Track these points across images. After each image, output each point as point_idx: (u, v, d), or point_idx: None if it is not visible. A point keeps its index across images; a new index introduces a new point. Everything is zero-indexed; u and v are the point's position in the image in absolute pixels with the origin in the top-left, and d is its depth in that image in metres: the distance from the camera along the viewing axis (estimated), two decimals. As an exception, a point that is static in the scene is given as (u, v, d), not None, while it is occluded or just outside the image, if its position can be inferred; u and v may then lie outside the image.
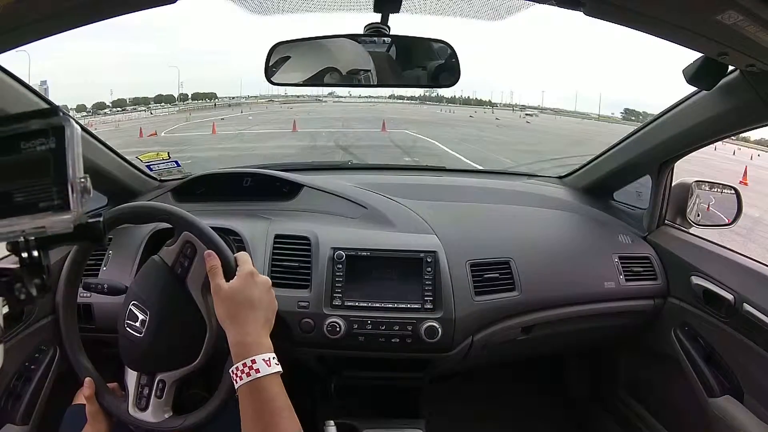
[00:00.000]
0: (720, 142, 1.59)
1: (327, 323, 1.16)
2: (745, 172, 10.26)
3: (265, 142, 14.05)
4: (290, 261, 1.22)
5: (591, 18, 0.76)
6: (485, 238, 1.36)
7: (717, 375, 1.23)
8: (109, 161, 1.38)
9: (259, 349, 0.74)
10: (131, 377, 0.89)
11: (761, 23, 0.67)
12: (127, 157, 1.48)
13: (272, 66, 1.03)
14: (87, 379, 0.87)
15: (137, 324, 0.86)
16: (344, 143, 13.42)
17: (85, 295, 1.03)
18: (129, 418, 0.88)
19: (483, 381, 1.85)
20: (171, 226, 0.90)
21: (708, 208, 1.47)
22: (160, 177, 1.61)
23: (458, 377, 1.58)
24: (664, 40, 0.82)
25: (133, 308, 0.87)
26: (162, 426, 0.87)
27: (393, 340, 1.17)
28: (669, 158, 1.37)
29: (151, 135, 16.33)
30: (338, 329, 1.15)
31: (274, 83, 1.05)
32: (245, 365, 0.72)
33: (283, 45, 1.02)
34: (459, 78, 1.05)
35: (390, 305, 1.19)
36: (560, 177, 1.81)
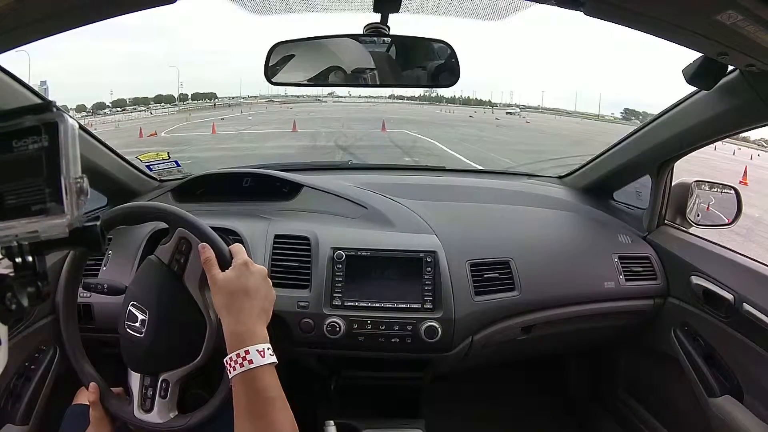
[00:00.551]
0: (720, 142, 1.59)
1: (327, 323, 1.16)
2: (745, 172, 10.25)
3: (265, 142, 14.05)
4: (290, 261, 1.22)
5: (591, 18, 0.76)
6: (485, 238, 1.36)
7: (717, 375, 1.23)
8: (109, 161, 1.38)
9: (253, 339, 0.74)
10: (134, 379, 0.88)
11: (761, 23, 0.67)
12: (127, 158, 1.49)
13: (272, 66, 1.03)
14: (92, 384, 0.87)
15: (137, 324, 0.86)
16: (344, 143, 13.41)
17: (85, 295, 1.03)
18: (135, 421, 0.87)
19: (483, 381, 1.85)
20: (167, 225, 0.90)
21: (708, 208, 1.47)
22: (160, 177, 1.61)
23: (458, 377, 1.58)
24: (664, 40, 0.82)
25: (133, 309, 0.87)
26: (168, 426, 0.87)
27: (393, 340, 1.17)
28: (669, 158, 1.37)
29: (151, 135, 16.32)
30: (338, 329, 1.15)
31: (274, 83, 1.05)
32: (239, 356, 0.72)
33: (283, 45, 1.02)
34: (459, 78, 1.05)
35: (390, 305, 1.19)
36: (560, 177, 1.81)
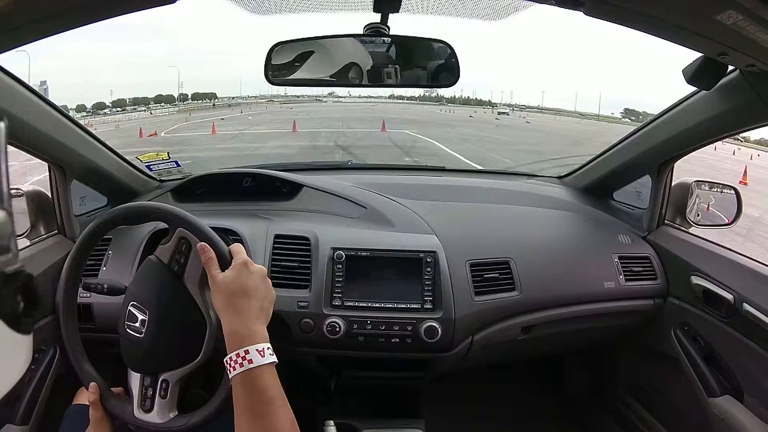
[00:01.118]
0: (720, 142, 1.59)
1: (327, 323, 1.16)
2: (745, 172, 10.25)
3: (265, 142, 14.04)
4: (290, 261, 1.22)
5: (591, 18, 0.76)
6: (485, 238, 1.36)
7: (717, 375, 1.23)
8: (109, 161, 1.38)
9: (253, 339, 0.73)
10: (134, 379, 0.88)
11: (761, 23, 0.67)
12: (127, 158, 1.49)
13: (272, 66, 1.02)
14: (92, 384, 0.87)
15: (137, 324, 0.86)
16: (344, 143, 13.40)
17: (85, 295, 1.03)
18: (135, 421, 0.87)
19: (483, 381, 1.85)
20: (167, 226, 0.90)
21: (708, 208, 1.47)
22: (160, 177, 1.61)
23: (458, 377, 1.58)
24: (664, 40, 0.82)
25: (132, 309, 0.87)
26: (168, 426, 0.87)
27: (393, 340, 1.17)
28: (669, 158, 1.37)
29: (151, 135, 16.31)
30: (338, 329, 1.15)
31: (274, 83, 1.05)
32: (238, 355, 0.72)
33: (283, 45, 1.02)
34: (459, 78, 1.05)
35: (390, 305, 1.19)
36: (560, 177, 1.81)
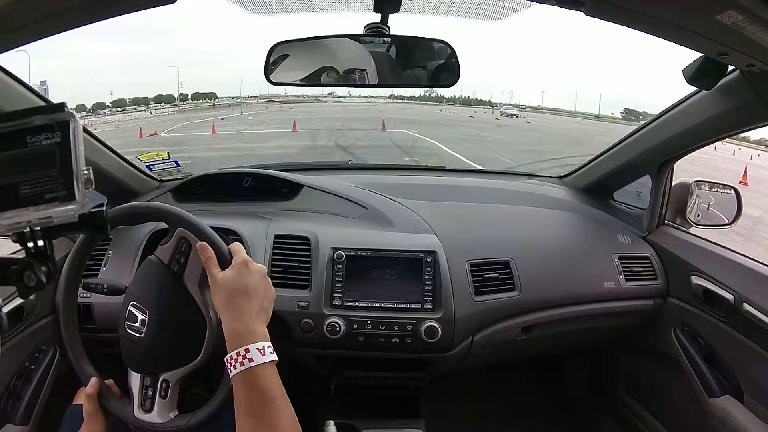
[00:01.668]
0: (720, 142, 1.59)
1: (327, 323, 1.16)
2: (745, 172, 10.24)
3: (266, 142, 14.01)
4: (290, 261, 1.22)
5: (591, 18, 0.76)
6: (485, 238, 1.36)
7: (717, 375, 1.23)
8: (109, 161, 1.38)
9: (253, 338, 0.73)
10: (134, 380, 0.88)
11: (761, 23, 0.67)
12: (127, 158, 1.48)
13: (272, 65, 1.03)
14: (93, 379, 0.87)
15: (137, 324, 0.86)
16: (344, 143, 13.38)
17: (85, 295, 1.03)
18: (135, 421, 0.87)
19: (483, 381, 1.85)
20: (167, 225, 0.90)
21: (708, 208, 1.46)
22: (160, 177, 1.61)
23: (458, 377, 1.58)
24: (664, 40, 0.82)
25: (133, 309, 0.87)
26: (168, 426, 0.87)
27: (393, 340, 1.17)
28: (669, 158, 1.37)
29: (151, 135, 16.27)
30: (338, 329, 1.15)
31: (274, 83, 1.05)
32: (239, 354, 0.72)
33: (283, 45, 1.02)
34: (459, 78, 1.05)
35: (390, 305, 1.19)
36: (560, 177, 1.81)
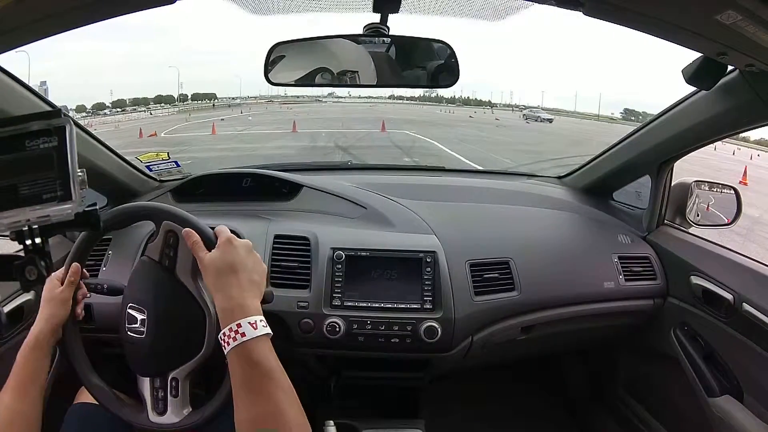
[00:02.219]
0: (719, 142, 1.59)
1: (326, 323, 1.16)
2: (745, 172, 10.22)
3: (265, 143, 13.94)
4: (290, 261, 1.23)
5: (590, 18, 0.76)
6: (485, 238, 1.36)
7: (716, 375, 1.23)
8: (109, 162, 1.38)
9: (244, 312, 0.72)
10: (145, 385, 0.87)
11: (761, 23, 0.67)
12: (127, 158, 1.49)
13: (271, 66, 1.03)
14: (75, 265, 0.86)
15: (137, 325, 0.85)
16: (344, 144, 13.31)
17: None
18: (152, 425, 0.86)
19: (483, 381, 1.85)
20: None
21: (707, 208, 1.46)
22: (160, 177, 1.61)
23: (458, 377, 1.58)
24: (664, 40, 0.83)
25: (131, 310, 0.87)
26: (184, 424, 0.86)
27: (392, 340, 1.17)
28: (668, 158, 1.37)
29: (151, 135, 16.22)
30: (338, 329, 1.15)
31: (274, 83, 1.05)
32: (231, 330, 0.71)
33: (283, 45, 1.02)
34: (458, 78, 1.05)
35: (389, 305, 1.19)
36: (560, 177, 1.81)
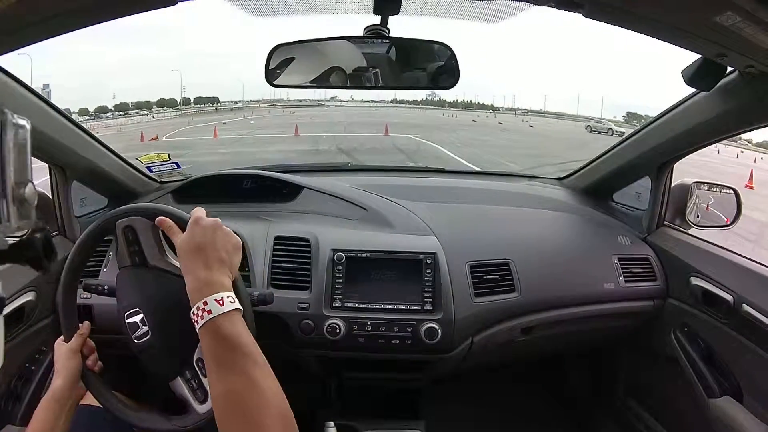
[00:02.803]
0: (722, 146, 1.59)
1: (327, 324, 1.16)
2: (751, 176, 10.17)
3: (267, 147, 13.86)
4: (290, 262, 1.23)
5: (591, 20, 0.77)
6: (485, 240, 1.36)
7: (716, 376, 1.23)
8: (110, 163, 1.38)
9: (211, 290, 0.72)
10: (179, 385, 0.86)
11: (759, 24, 0.67)
12: (128, 159, 1.49)
13: (272, 68, 1.03)
14: (86, 324, 0.89)
15: (140, 327, 0.84)
16: (347, 147, 13.27)
17: (85, 297, 1.03)
18: (201, 416, 0.84)
19: (483, 382, 1.85)
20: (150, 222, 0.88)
21: (707, 209, 1.47)
22: (161, 178, 1.62)
23: (458, 378, 1.58)
24: (663, 42, 0.83)
25: (128, 319, 0.85)
26: None
27: (393, 342, 1.17)
28: (668, 159, 1.37)
29: (153, 139, 16.19)
30: (338, 330, 1.15)
31: (275, 85, 1.05)
32: (198, 309, 0.71)
33: (283, 47, 1.02)
34: (458, 79, 1.05)
35: (390, 307, 1.19)
36: (560, 178, 1.81)
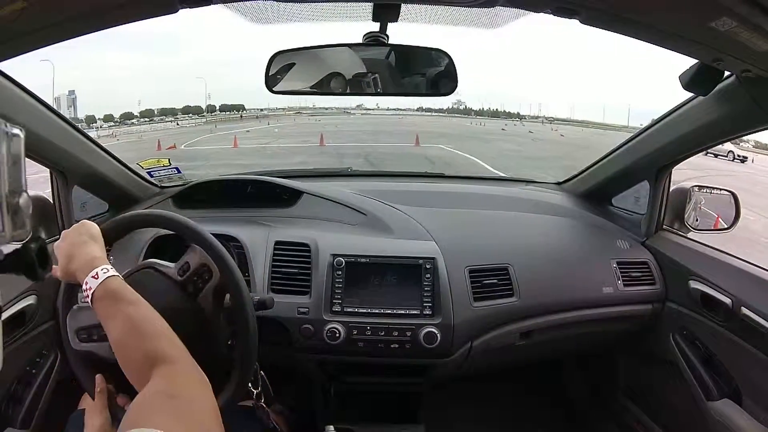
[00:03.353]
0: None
1: (327, 329, 1.16)
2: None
3: (288, 159, 12.50)
4: (290, 267, 1.23)
5: (587, 26, 0.77)
6: (484, 245, 1.36)
7: (715, 379, 1.24)
8: (110, 167, 1.38)
9: (84, 272, 0.75)
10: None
11: (755, 29, 0.68)
12: (129, 164, 1.49)
13: (272, 75, 1.03)
14: (98, 377, 0.86)
15: None
16: (375, 160, 12.00)
17: (86, 301, 1.02)
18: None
19: (482, 386, 1.84)
20: (172, 232, 0.92)
21: (704, 212, 1.47)
22: (161, 183, 1.62)
23: (458, 382, 1.58)
24: (660, 47, 0.83)
25: None
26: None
27: (392, 346, 1.18)
28: (666, 163, 1.38)
29: (170, 148, 15.20)
30: (338, 335, 1.16)
31: (274, 91, 1.05)
32: (83, 291, 0.76)
33: (283, 54, 1.03)
34: (457, 84, 1.05)
35: (389, 311, 1.19)
36: (559, 183, 1.81)
